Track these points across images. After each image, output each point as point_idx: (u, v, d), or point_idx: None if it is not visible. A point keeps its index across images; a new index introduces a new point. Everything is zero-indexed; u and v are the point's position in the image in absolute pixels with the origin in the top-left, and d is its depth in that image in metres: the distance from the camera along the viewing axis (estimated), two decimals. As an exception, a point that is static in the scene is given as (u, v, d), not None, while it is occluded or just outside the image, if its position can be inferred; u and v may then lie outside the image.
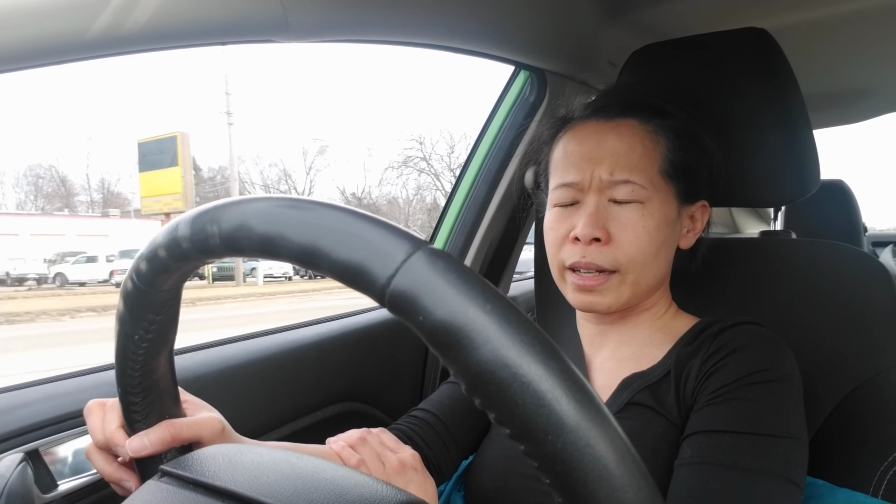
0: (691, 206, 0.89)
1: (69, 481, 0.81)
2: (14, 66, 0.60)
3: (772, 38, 0.98)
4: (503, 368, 0.31)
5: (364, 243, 0.34)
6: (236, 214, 0.39)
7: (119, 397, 0.56)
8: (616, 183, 0.82)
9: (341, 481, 0.47)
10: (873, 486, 0.87)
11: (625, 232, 0.81)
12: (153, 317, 0.51)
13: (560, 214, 0.87)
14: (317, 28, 0.83)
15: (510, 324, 0.31)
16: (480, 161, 1.51)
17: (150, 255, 0.45)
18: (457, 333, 0.31)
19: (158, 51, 0.71)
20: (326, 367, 1.20)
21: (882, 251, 2.90)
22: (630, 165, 0.82)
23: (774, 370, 0.76)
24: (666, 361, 0.84)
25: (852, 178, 5.20)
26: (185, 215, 0.43)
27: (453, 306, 0.32)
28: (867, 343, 0.91)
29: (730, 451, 0.70)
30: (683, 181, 0.85)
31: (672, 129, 0.86)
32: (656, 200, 0.83)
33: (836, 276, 0.95)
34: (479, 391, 0.31)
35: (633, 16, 1.34)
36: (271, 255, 0.38)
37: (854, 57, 1.64)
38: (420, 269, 0.33)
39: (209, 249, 0.41)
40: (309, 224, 0.36)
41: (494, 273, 1.59)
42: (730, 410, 0.73)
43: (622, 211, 0.82)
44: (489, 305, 0.32)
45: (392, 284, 0.33)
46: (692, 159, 0.86)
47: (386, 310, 0.34)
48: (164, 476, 0.51)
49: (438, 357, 0.33)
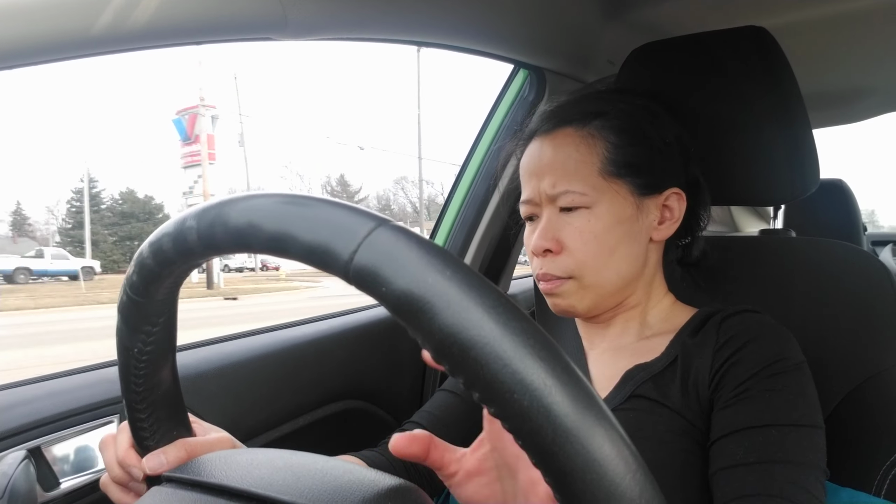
0: (657, 196, 0.88)
1: (71, 479, 0.81)
2: (15, 64, 0.60)
3: (771, 37, 0.98)
4: (465, 330, 0.31)
5: (327, 224, 0.35)
6: (213, 212, 0.40)
7: (127, 414, 0.57)
8: (558, 195, 0.84)
9: (332, 470, 0.48)
10: (875, 485, 0.87)
11: (574, 239, 0.84)
12: (150, 328, 0.51)
13: (528, 230, 0.91)
14: (315, 26, 0.84)
15: (471, 287, 0.32)
16: (480, 159, 1.51)
17: (140, 263, 0.46)
18: (419, 300, 0.32)
19: (158, 48, 0.71)
20: (327, 364, 1.21)
21: (882, 250, 2.90)
22: (567, 175, 0.84)
23: (791, 358, 0.77)
24: (669, 352, 0.85)
25: (852, 178, 5.17)
26: (168, 221, 0.44)
27: (414, 275, 0.32)
28: (868, 342, 0.91)
29: (780, 445, 0.71)
30: (634, 175, 0.85)
31: (609, 127, 0.86)
32: (603, 203, 0.84)
33: (837, 274, 0.95)
34: (444, 356, 0.32)
35: (632, 14, 1.34)
36: (245, 248, 0.39)
37: (853, 56, 1.64)
38: (381, 244, 0.34)
39: (189, 249, 0.42)
40: (278, 213, 0.37)
41: (494, 271, 1.59)
42: (764, 403, 0.74)
43: (571, 219, 0.84)
44: (449, 271, 0.32)
45: (355, 259, 0.34)
46: (639, 152, 0.86)
47: (345, 282, 0.35)
48: (167, 482, 0.53)
49: (406, 327, 0.33)
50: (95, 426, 0.84)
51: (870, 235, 3.43)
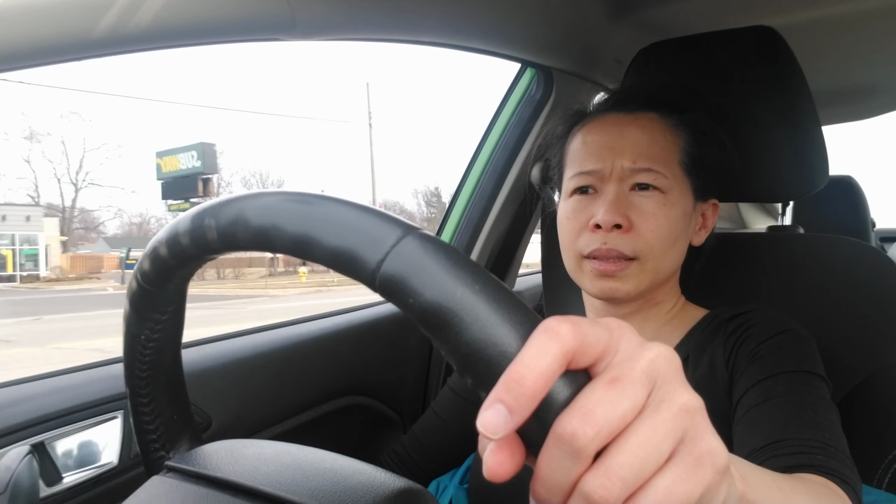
0: (704, 203, 0.90)
1: (74, 474, 0.81)
2: (20, 65, 0.60)
3: (779, 36, 0.98)
4: (492, 347, 0.30)
5: (354, 230, 0.35)
6: (233, 209, 0.40)
7: (129, 398, 0.57)
8: (638, 171, 0.83)
9: (341, 469, 0.48)
10: (877, 478, 0.87)
11: (645, 220, 0.82)
12: (158, 316, 0.51)
13: (578, 203, 0.87)
14: (323, 26, 0.83)
15: (499, 302, 0.31)
16: (486, 157, 1.51)
17: (153, 254, 0.46)
18: (446, 314, 0.31)
19: (164, 49, 0.71)
20: (331, 360, 1.21)
21: (890, 247, 2.88)
22: (652, 155, 0.83)
23: (798, 331, 0.81)
24: (680, 349, 0.86)
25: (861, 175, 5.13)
26: (185, 213, 0.44)
27: (442, 287, 0.32)
28: (875, 337, 0.91)
29: (788, 386, 0.73)
30: (700, 177, 0.87)
31: (690, 124, 0.87)
32: (676, 191, 0.84)
33: (845, 270, 0.95)
34: (470, 371, 0.31)
35: (640, 14, 1.34)
36: (267, 248, 0.38)
37: (863, 54, 1.63)
38: (409, 253, 0.33)
39: (207, 245, 0.41)
40: (301, 215, 0.37)
41: (500, 268, 1.59)
42: (774, 359, 0.77)
43: (643, 200, 0.83)
44: (478, 286, 0.32)
45: (382, 268, 0.33)
46: (708, 155, 0.88)
47: (372, 291, 0.35)
48: (170, 471, 0.52)
49: (431, 339, 0.33)
50: (99, 422, 0.85)
51: (878, 232, 3.41)
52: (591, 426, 0.28)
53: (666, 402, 0.30)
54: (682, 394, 0.31)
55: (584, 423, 0.28)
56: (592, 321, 0.31)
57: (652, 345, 0.32)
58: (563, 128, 0.94)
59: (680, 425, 0.30)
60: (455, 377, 1.10)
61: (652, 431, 0.29)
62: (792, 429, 0.67)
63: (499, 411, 0.29)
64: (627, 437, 0.29)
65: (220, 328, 1.25)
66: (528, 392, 0.28)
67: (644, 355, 0.31)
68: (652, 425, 0.29)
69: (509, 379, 0.29)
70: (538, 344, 0.29)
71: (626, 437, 0.29)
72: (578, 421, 0.28)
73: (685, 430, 0.30)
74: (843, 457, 0.65)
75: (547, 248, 1.22)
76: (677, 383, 0.31)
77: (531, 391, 0.28)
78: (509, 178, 1.48)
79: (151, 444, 0.58)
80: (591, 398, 0.29)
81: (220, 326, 1.53)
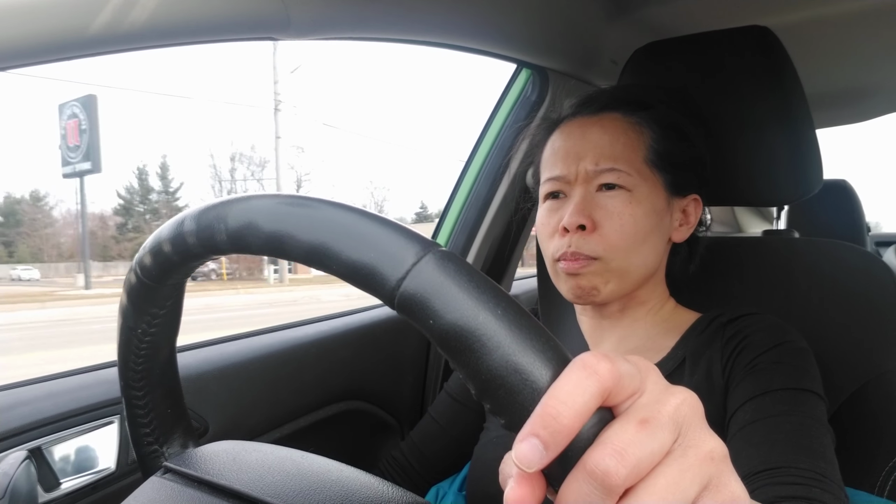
0: (682, 199, 0.89)
1: (72, 479, 0.81)
2: (14, 63, 0.60)
3: (775, 37, 0.98)
4: (514, 374, 0.30)
5: (373, 245, 0.34)
6: (244, 211, 0.39)
7: (122, 391, 0.56)
8: (601, 171, 0.83)
9: (347, 482, 0.47)
10: (878, 486, 0.86)
11: (610, 219, 0.82)
12: (156, 311, 0.50)
13: (549, 208, 0.88)
14: (318, 25, 0.83)
15: (521, 329, 0.31)
16: (482, 159, 1.50)
17: (155, 249, 0.45)
18: (467, 338, 0.31)
19: (159, 48, 0.70)
20: (328, 364, 1.20)
21: (885, 251, 2.89)
22: (614, 155, 0.83)
23: (796, 342, 0.80)
24: (676, 353, 0.85)
25: (855, 178, 5.10)
26: (190, 210, 0.43)
27: (464, 310, 0.31)
28: (871, 343, 0.91)
29: (784, 405, 0.73)
30: (671, 172, 0.86)
31: (656, 120, 0.87)
32: (643, 188, 0.84)
33: (840, 275, 0.94)
34: (488, 396, 0.31)
35: (635, 14, 1.34)
36: (279, 254, 0.38)
37: (858, 56, 1.64)
38: (430, 272, 0.32)
39: (215, 246, 0.41)
40: (318, 224, 0.36)
41: (496, 272, 1.59)
42: (771, 373, 0.76)
43: (608, 200, 0.83)
44: (500, 310, 0.31)
45: (402, 287, 0.33)
46: (678, 150, 0.87)
47: (390, 308, 0.34)
48: (168, 472, 0.51)
49: (449, 361, 0.32)
50: (95, 427, 0.84)
51: (873, 236, 3.42)
52: (625, 465, 0.28)
53: (693, 448, 0.30)
54: (708, 441, 0.30)
55: (619, 461, 0.28)
56: (623, 358, 0.31)
57: (677, 389, 0.32)
58: (540, 136, 0.96)
59: (706, 471, 0.30)
60: (453, 382, 1.09)
61: (680, 475, 0.29)
62: (789, 456, 0.67)
63: (535, 446, 0.28)
64: (656, 478, 0.28)
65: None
66: (564, 429, 0.28)
67: (671, 400, 0.31)
68: (680, 469, 0.29)
69: (545, 414, 0.28)
70: (576, 381, 0.29)
71: (654, 478, 0.28)
72: (612, 459, 0.28)
73: (710, 477, 0.30)
74: (837, 489, 0.65)
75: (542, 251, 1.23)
76: (703, 430, 0.31)
77: (568, 428, 0.28)
78: (505, 181, 1.48)
79: (145, 437, 0.57)
80: (622, 437, 0.28)
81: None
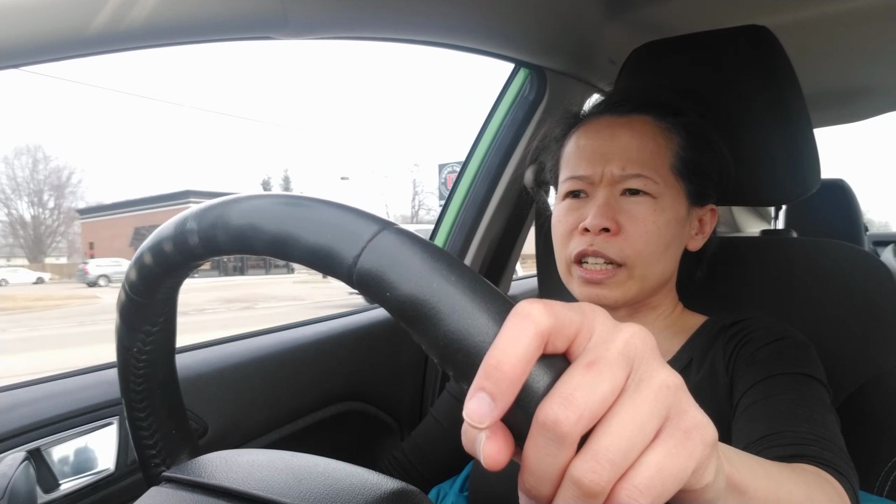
0: (700, 208, 0.89)
1: (71, 480, 0.81)
2: (12, 63, 0.60)
3: (773, 36, 0.98)
4: (470, 337, 0.30)
5: (331, 227, 0.35)
6: (214, 213, 0.40)
7: (125, 412, 0.56)
8: (627, 177, 0.82)
9: (333, 472, 0.48)
10: (877, 485, 0.87)
11: (635, 225, 0.81)
12: (149, 328, 0.51)
13: (569, 207, 0.87)
14: (315, 25, 0.83)
15: (475, 292, 0.31)
16: (480, 160, 1.50)
17: (138, 262, 0.46)
18: (423, 306, 0.31)
19: (156, 48, 0.70)
20: (327, 365, 1.20)
21: (883, 251, 2.90)
22: (642, 161, 0.82)
23: (797, 338, 0.81)
24: (682, 355, 0.86)
25: (853, 178, 5.13)
26: (169, 222, 0.44)
27: (418, 280, 0.32)
28: (870, 342, 0.91)
29: (786, 386, 0.73)
30: (694, 181, 0.86)
31: (685, 127, 0.87)
32: (668, 196, 0.83)
33: (838, 274, 0.95)
34: (450, 363, 0.31)
35: (633, 13, 1.34)
36: (247, 250, 0.38)
37: (855, 55, 1.64)
38: (385, 248, 0.33)
39: (190, 250, 0.41)
40: (279, 215, 0.37)
41: (494, 273, 1.59)
42: (773, 361, 0.77)
43: (633, 205, 0.82)
44: (454, 276, 0.32)
45: (359, 263, 0.33)
46: (703, 159, 0.87)
47: (349, 287, 0.35)
48: (166, 482, 0.52)
49: (410, 333, 0.33)
50: (94, 428, 0.84)
51: (871, 236, 3.43)
52: (573, 410, 0.27)
53: (645, 381, 0.29)
54: (660, 372, 0.30)
55: (565, 407, 0.28)
56: (565, 304, 0.31)
57: (626, 325, 0.31)
58: (560, 130, 0.94)
59: (662, 403, 0.29)
60: (453, 382, 1.09)
61: (635, 411, 0.28)
62: (787, 423, 0.67)
63: (482, 399, 0.28)
64: (611, 419, 0.28)
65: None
66: (507, 376, 0.28)
67: (619, 336, 0.30)
68: (634, 405, 0.29)
69: (488, 366, 0.28)
70: (512, 327, 0.29)
71: (609, 419, 0.28)
72: (559, 406, 0.28)
73: (668, 407, 0.30)
74: (838, 450, 0.65)
75: (542, 252, 1.23)
76: (655, 362, 0.31)
77: (511, 375, 0.28)
78: (503, 181, 1.48)
79: (151, 459, 0.57)
80: (570, 383, 0.28)
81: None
